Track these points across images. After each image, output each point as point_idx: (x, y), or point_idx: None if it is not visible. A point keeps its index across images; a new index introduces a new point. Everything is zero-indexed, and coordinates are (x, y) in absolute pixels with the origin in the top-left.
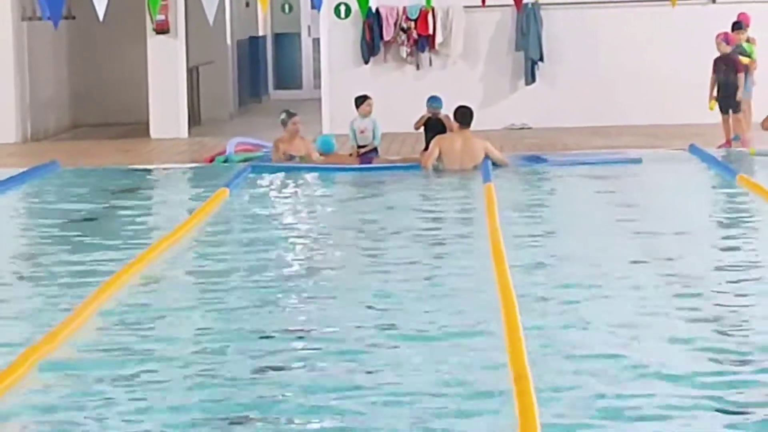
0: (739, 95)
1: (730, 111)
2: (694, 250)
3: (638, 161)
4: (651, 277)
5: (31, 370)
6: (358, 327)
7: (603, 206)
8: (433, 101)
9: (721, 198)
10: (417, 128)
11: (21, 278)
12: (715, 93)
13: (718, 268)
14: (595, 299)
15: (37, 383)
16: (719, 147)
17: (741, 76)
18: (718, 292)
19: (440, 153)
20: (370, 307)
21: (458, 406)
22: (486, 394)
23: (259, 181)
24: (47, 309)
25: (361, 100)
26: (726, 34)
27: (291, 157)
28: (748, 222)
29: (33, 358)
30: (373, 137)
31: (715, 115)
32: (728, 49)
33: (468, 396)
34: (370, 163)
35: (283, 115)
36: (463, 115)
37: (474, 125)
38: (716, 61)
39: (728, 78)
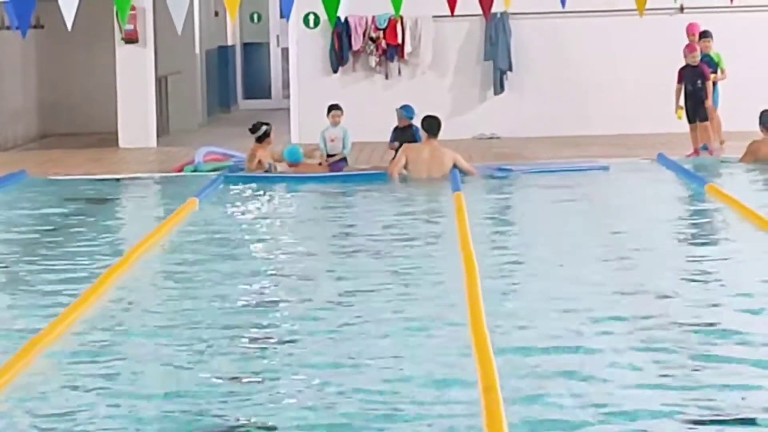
0: (708, 103)
1: (698, 120)
2: (655, 256)
3: (606, 168)
4: (614, 279)
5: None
6: (327, 331)
7: (572, 214)
8: (405, 110)
9: (688, 207)
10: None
11: None
12: (681, 102)
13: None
14: (567, 311)
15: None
16: (688, 156)
17: (709, 84)
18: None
19: (407, 162)
20: (337, 312)
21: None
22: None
23: (228, 191)
24: (15, 320)
25: (329, 110)
26: (691, 45)
27: (269, 166)
28: (716, 231)
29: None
30: (343, 147)
31: (684, 125)
32: (697, 60)
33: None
34: (339, 170)
35: (263, 128)
36: (430, 125)
37: (443, 135)
38: (682, 71)
39: (695, 87)
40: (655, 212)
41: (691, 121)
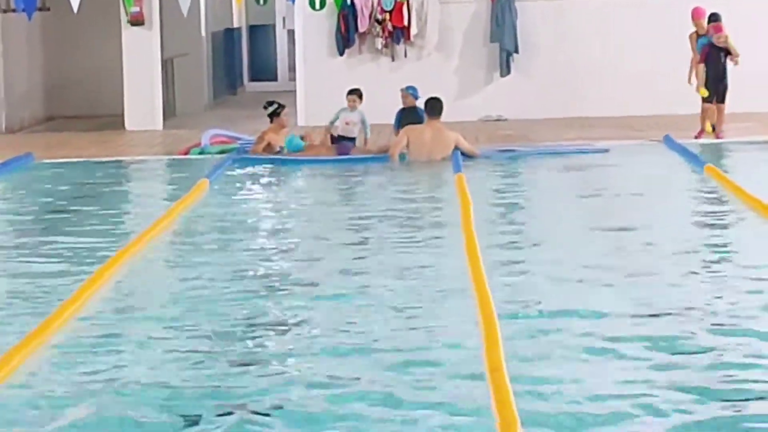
0: (735, 60)
1: (715, 101)
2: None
3: (605, 151)
4: (608, 258)
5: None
6: (337, 317)
7: (572, 195)
8: (411, 89)
9: (689, 189)
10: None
11: None
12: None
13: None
14: (571, 291)
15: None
16: (696, 137)
17: (732, 63)
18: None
19: (408, 143)
20: (347, 297)
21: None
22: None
23: (238, 173)
24: (23, 304)
25: (348, 93)
26: (717, 24)
27: (280, 149)
28: (712, 213)
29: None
30: (365, 131)
31: (687, 106)
32: (723, 41)
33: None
34: (346, 154)
35: (275, 106)
36: (433, 106)
37: (449, 117)
38: (707, 50)
39: (718, 68)
40: (654, 193)
41: (709, 100)
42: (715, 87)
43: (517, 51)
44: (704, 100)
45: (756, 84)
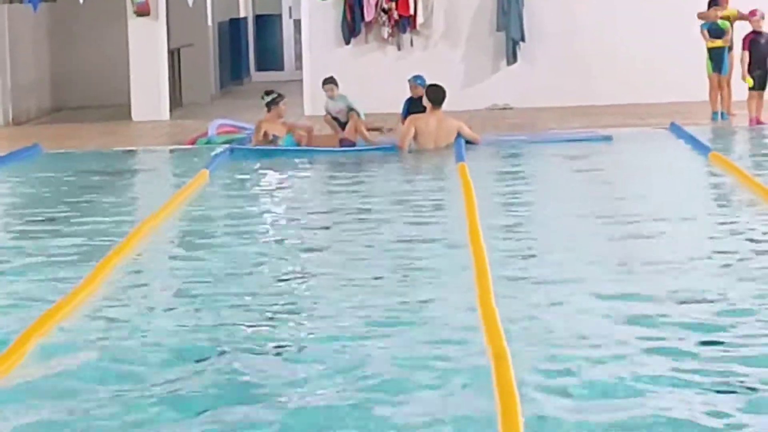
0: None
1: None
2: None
3: (609, 139)
4: (614, 247)
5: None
6: (338, 308)
7: (576, 182)
8: (418, 79)
9: (694, 176)
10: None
11: (3, 262)
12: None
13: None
14: (574, 280)
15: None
16: (750, 125)
17: None
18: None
19: (416, 132)
20: (348, 288)
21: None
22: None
23: (238, 164)
24: (31, 293)
25: (323, 83)
26: (755, 11)
27: (274, 138)
28: (718, 201)
29: (28, 343)
30: (355, 111)
31: (694, 93)
32: (760, 27)
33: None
34: (351, 145)
35: (273, 95)
36: (435, 94)
37: (456, 105)
38: (750, 38)
39: (763, 55)
40: (657, 181)
41: (755, 88)
42: (760, 75)
43: (523, 39)
44: (754, 88)
45: None
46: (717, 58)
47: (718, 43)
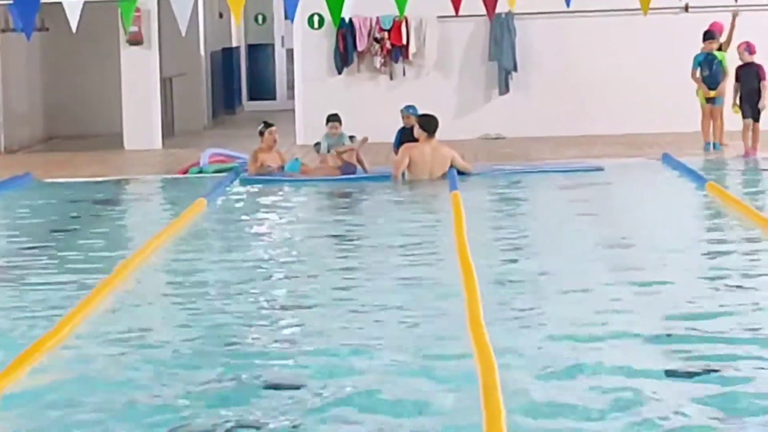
0: (762, 104)
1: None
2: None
3: (600, 169)
4: (608, 275)
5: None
6: (334, 338)
7: (569, 213)
8: (411, 109)
9: (688, 207)
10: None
11: None
12: (737, 101)
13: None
14: (564, 305)
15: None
16: (744, 157)
17: (765, 84)
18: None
19: (410, 162)
20: (343, 318)
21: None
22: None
23: (235, 193)
24: (21, 323)
25: (327, 120)
26: (748, 43)
27: (271, 167)
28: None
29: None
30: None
31: (687, 124)
32: (750, 58)
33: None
34: (352, 173)
35: (261, 126)
36: (428, 124)
37: (448, 135)
38: (739, 70)
39: (752, 86)
40: (652, 211)
41: (745, 117)
42: (750, 106)
43: (515, 69)
44: (744, 117)
45: None
46: (710, 101)
47: (712, 94)
